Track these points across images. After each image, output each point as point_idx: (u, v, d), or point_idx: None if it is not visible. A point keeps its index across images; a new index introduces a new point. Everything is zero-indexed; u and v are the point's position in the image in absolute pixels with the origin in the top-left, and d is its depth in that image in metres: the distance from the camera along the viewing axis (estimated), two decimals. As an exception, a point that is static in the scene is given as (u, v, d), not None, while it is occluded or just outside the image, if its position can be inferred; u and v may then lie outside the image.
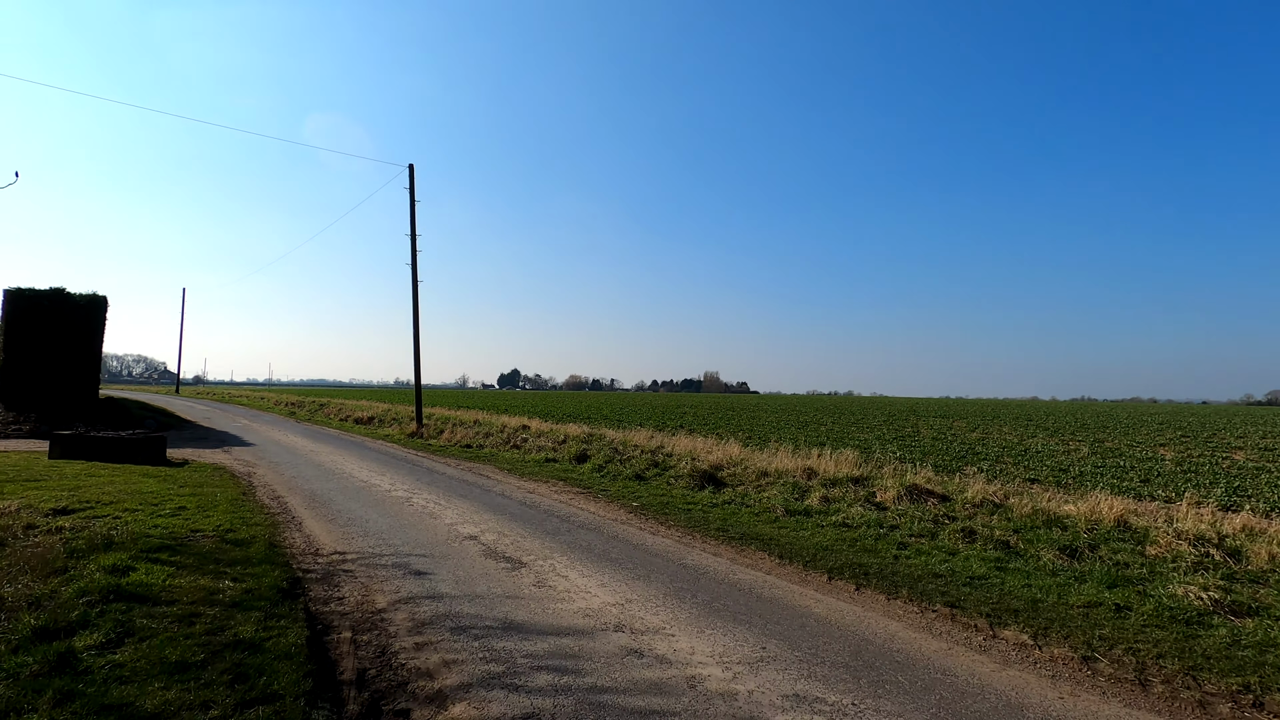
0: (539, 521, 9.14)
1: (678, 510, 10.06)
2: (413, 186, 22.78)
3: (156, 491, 10.42)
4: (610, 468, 14.39)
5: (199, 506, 9.47)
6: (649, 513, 9.89)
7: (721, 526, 8.87)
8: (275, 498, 10.69)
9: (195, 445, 18.71)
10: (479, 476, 13.56)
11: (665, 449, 16.45)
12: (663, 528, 8.93)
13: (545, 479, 13.26)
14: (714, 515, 9.69)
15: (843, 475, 11.74)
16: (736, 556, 7.50)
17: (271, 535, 7.93)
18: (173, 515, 8.78)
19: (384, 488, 11.80)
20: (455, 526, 8.69)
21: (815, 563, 7.13)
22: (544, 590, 6.06)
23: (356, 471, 13.90)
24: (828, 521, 9.15)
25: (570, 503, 10.74)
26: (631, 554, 7.48)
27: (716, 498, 11.17)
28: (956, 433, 28.82)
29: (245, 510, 9.36)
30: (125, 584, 5.48)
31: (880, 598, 6.06)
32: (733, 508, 10.33)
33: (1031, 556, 7.28)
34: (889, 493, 10.52)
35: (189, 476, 12.28)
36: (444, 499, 10.75)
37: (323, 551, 7.40)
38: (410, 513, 9.58)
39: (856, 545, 7.83)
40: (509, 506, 10.23)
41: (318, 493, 11.19)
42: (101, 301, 22.58)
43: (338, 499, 10.62)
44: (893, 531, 8.50)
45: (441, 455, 17.55)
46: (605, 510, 10.12)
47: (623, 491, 11.69)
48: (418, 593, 5.92)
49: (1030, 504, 9.00)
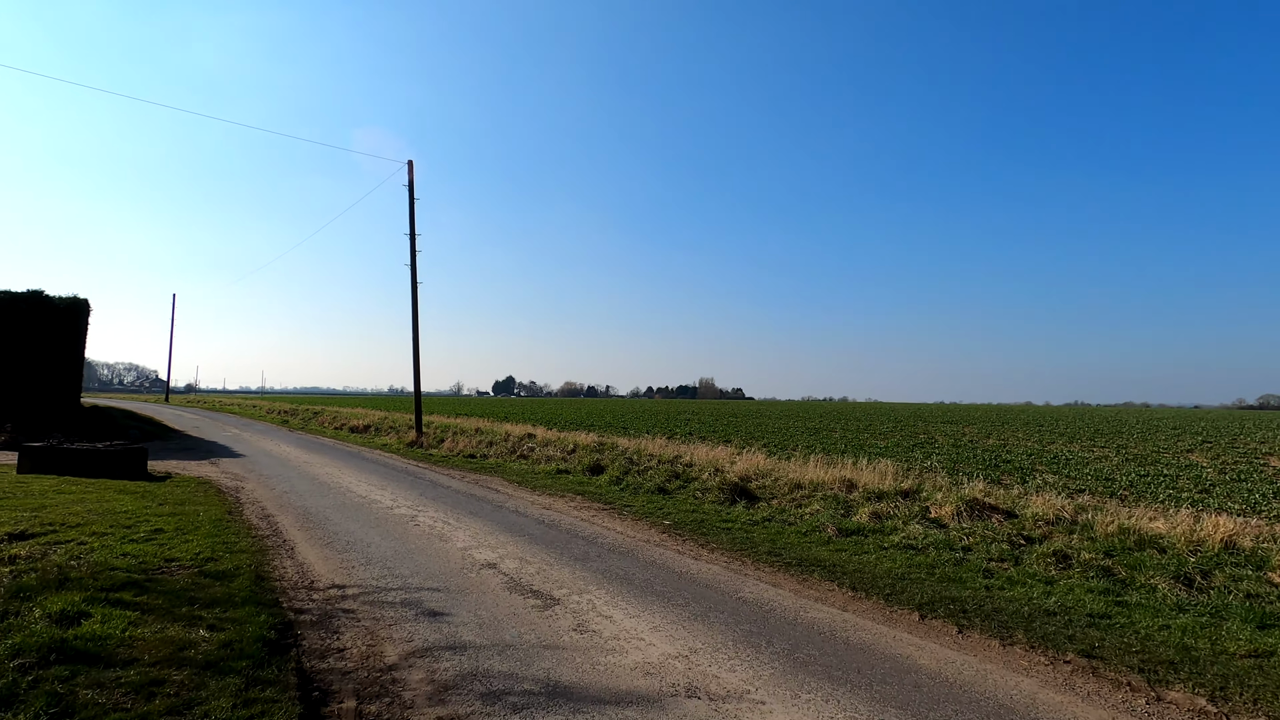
0: (563, 545, 8.10)
1: (715, 529, 9.03)
2: (412, 183, 21.77)
3: (132, 511, 9.33)
4: (629, 480, 13.35)
5: (178, 529, 8.39)
6: (684, 533, 8.86)
7: (772, 549, 7.84)
8: (265, 517, 9.61)
9: (180, 457, 17.57)
10: (487, 490, 12.49)
11: (683, 459, 15.44)
12: (704, 551, 7.90)
13: (560, 493, 12.20)
14: (758, 535, 8.67)
15: (887, 488, 10.74)
16: (800, 588, 6.48)
17: (259, 565, 6.87)
18: (146, 540, 7.71)
19: (385, 504, 10.73)
20: (469, 551, 7.64)
21: (897, 596, 6.11)
22: (587, 637, 5.02)
23: (354, 485, 12.81)
24: (888, 543, 8.14)
25: (593, 521, 9.70)
26: (678, 585, 6.45)
27: (753, 513, 10.15)
28: (972, 439, 27.89)
29: (230, 533, 8.28)
30: (74, 638, 4.42)
31: (993, 643, 5.04)
32: (775, 526, 9.31)
33: (1144, 587, 6.29)
34: (945, 508, 9.53)
35: (170, 493, 11.18)
36: (453, 517, 9.69)
37: (318, 584, 6.35)
38: (416, 534, 8.53)
39: (935, 573, 6.81)
40: (526, 526, 9.18)
41: (312, 511, 10.12)
42: (83, 305, 21.43)
43: (334, 518, 9.55)
44: (967, 555, 7.50)
45: (444, 466, 16.46)
46: (634, 530, 9.08)
47: (648, 507, 10.66)
48: (435, 641, 4.87)
49: (1115, 521, 8.01)
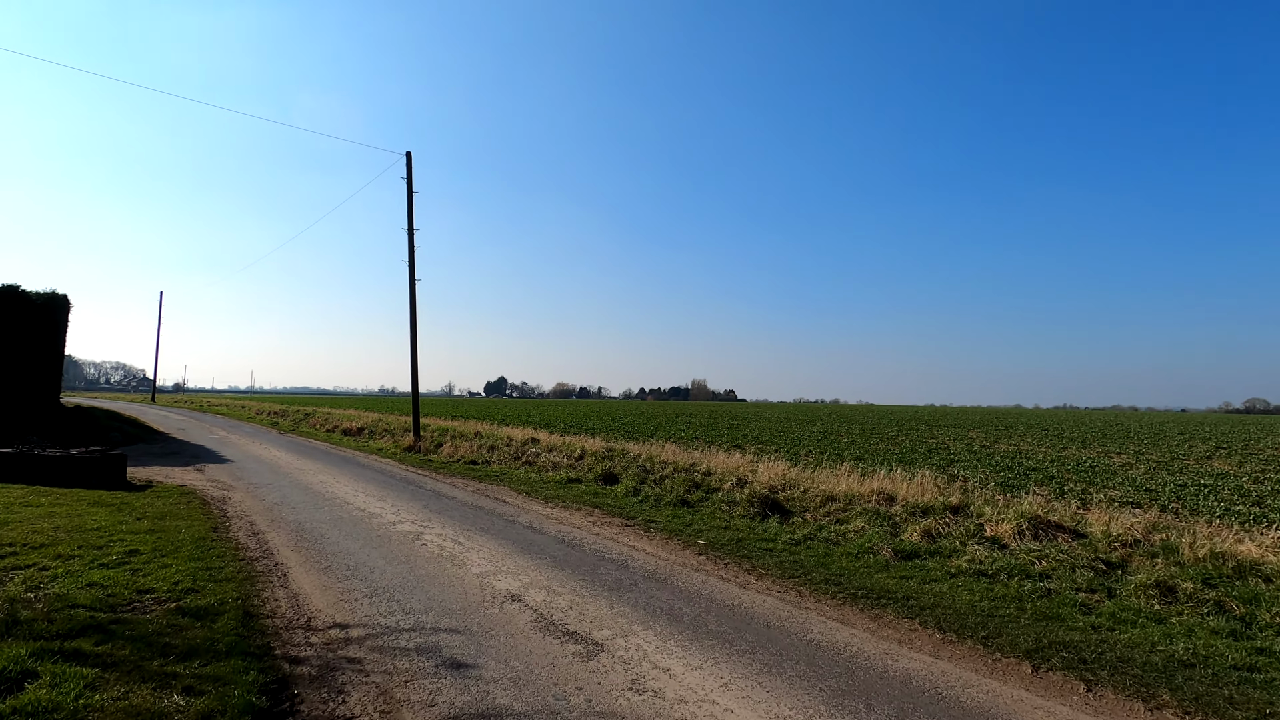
0: (590, 570, 7.21)
1: (756, 550, 8.17)
2: (410, 176, 20.81)
3: (105, 527, 8.38)
4: (647, 490, 12.47)
5: (156, 549, 7.45)
6: (722, 554, 8.00)
7: (828, 576, 6.98)
8: (254, 534, 8.68)
9: (164, 462, 16.54)
10: (496, 502, 11.58)
11: (700, 467, 14.58)
12: (751, 578, 7.04)
13: (575, 505, 11.31)
14: (806, 558, 7.81)
15: (933, 503, 9.91)
16: (875, 626, 5.63)
17: (247, 597, 5.95)
18: (118, 565, 6.77)
19: (386, 518, 9.81)
20: (488, 579, 6.74)
21: (994, 639, 5.26)
22: (647, 699, 4.14)
23: (351, 496, 11.87)
24: (954, 567, 7.31)
25: (618, 539, 8.82)
26: (735, 624, 5.59)
27: (792, 531, 9.30)
28: (983, 444, 27.18)
29: (214, 555, 7.35)
30: (11, 711, 3.51)
31: (1136, 706, 4.20)
32: (820, 546, 8.46)
33: (1271, 628, 5.47)
34: (1002, 526, 8.71)
35: (150, 504, 10.21)
36: (463, 535, 8.79)
37: (317, 623, 5.44)
38: (425, 556, 7.62)
39: (1026, 609, 5.97)
40: (545, 546, 8.29)
41: (306, 526, 9.18)
42: (61, 300, 20.34)
43: (331, 535, 8.63)
44: (1049, 584, 6.67)
45: (445, 474, 15.53)
46: (666, 551, 8.21)
47: (675, 523, 9.78)
48: (463, 706, 3.98)
49: (1207, 545, 7.21)
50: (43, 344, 20.27)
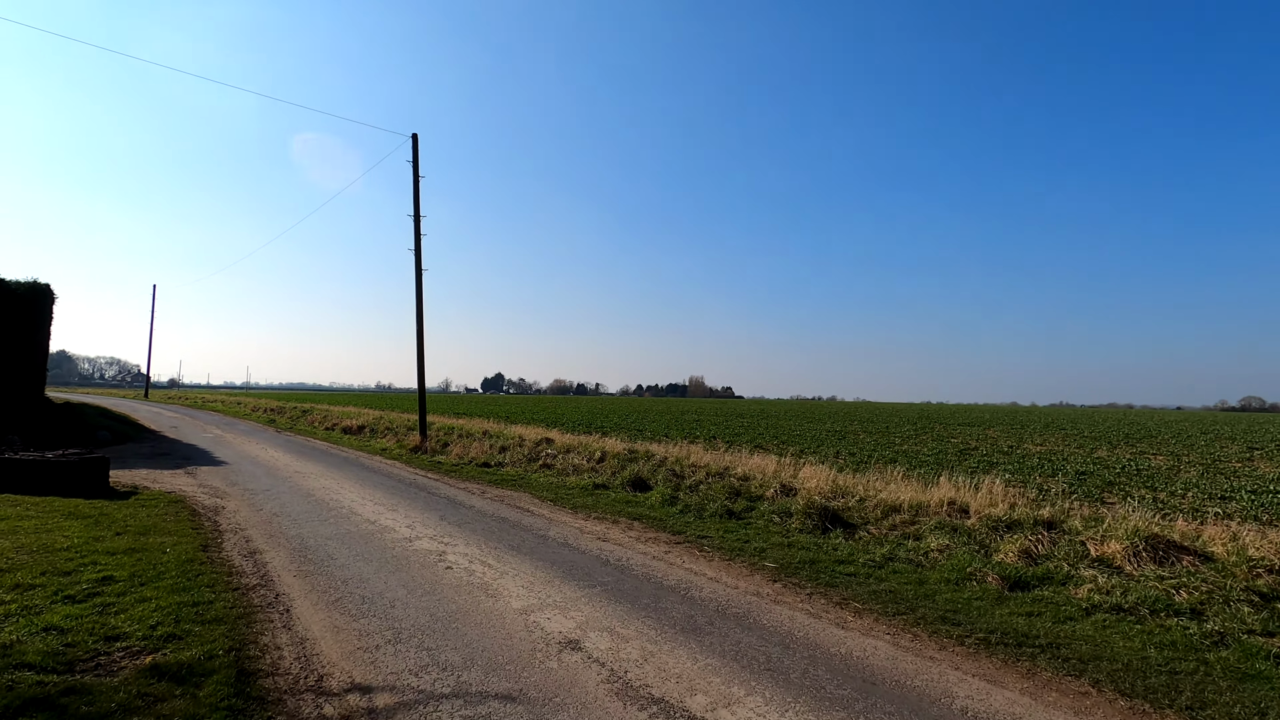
0: (651, 602, 6.07)
1: (835, 575, 7.03)
2: (416, 159, 19.57)
3: (77, 546, 7.21)
4: (684, 498, 11.33)
5: (134, 576, 6.28)
6: (800, 581, 6.85)
7: (939, 613, 5.83)
8: (250, 553, 7.51)
9: (152, 464, 15.33)
10: (520, 512, 10.42)
11: (736, 470, 13.46)
12: (847, 614, 5.89)
13: (608, 516, 10.16)
14: (899, 586, 6.67)
15: (1021, 516, 8.79)
16: (1034, 688, 4.47)
17: (242, 645, 4.79)
18: (86, 598, 5.61)
19: (401, 533, 8.65)
20: (533, 617, 5.59)
21: (1204, 714, 4.12)
22: (797, 818, 3.01)
23: (358, 504, 10.70)
24: (1082, 600, 6.18)
25: (670, 560, 7.67)
26: (855, 683, 4.44)
27: (864, 549, 8.17)
28: (1010, 445, 26.11)
29: (203, 583, 6.18)
30: None
31: None
32: (905, 568, 7.33)
33: None
34: (1110, 545, 7.60)
35: (132, 516, 9.03)
36: (491, 555, 7.63)
37: (331, 683, 4.28)
38: (452, 584, 6.46)
39: (1213, 665, 4.80)
40: (590, 569, 7.14)
41: (310, 543, 8.02)
42: (44, 290, 19.09)
43: (340, 555, 7.46)
44: (1208, 624, 5.54)
45: (458, 478, 14.36)
46: (732, 576, 7.06)
47: (728, 539, 8.65)
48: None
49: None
50: (24, 336, 19.02)
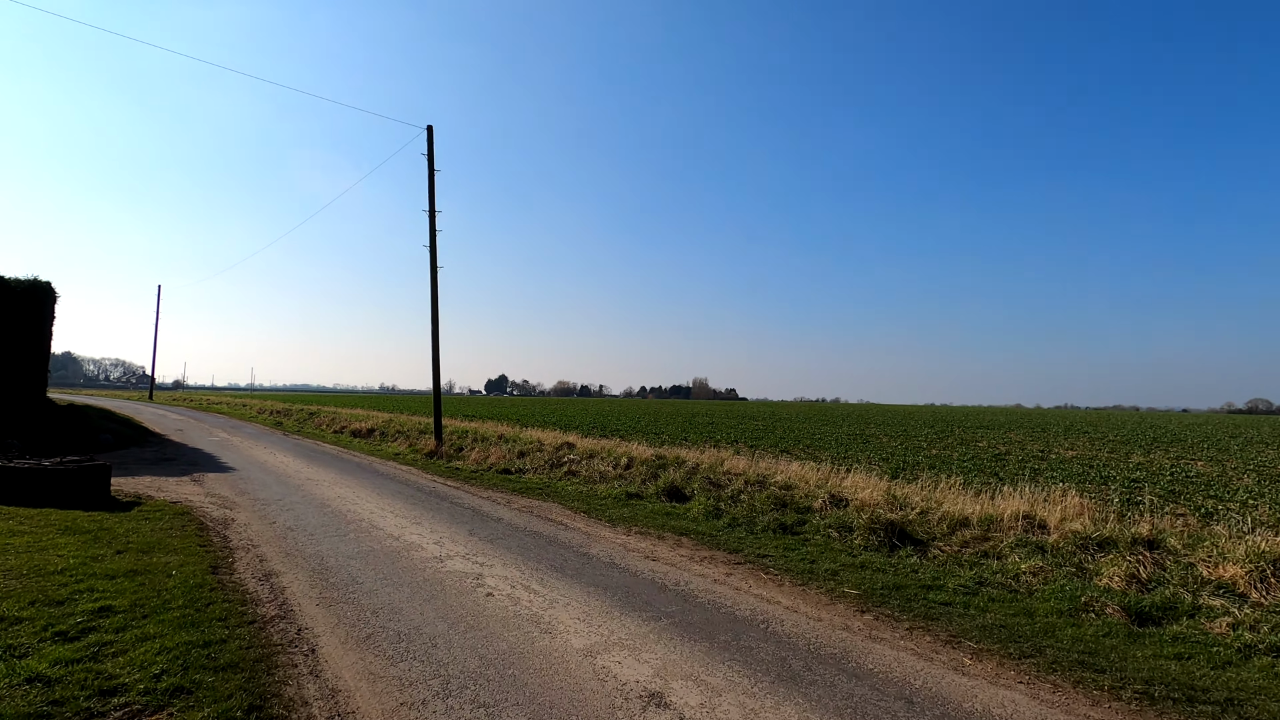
0: (732, 639, 5.25)
1: (930, 605, 6.20)
2: (431, 152, 18.82)
3: (73, 568, 6.44)
4: (727, 510, 10.52)
5: (135, 606, 5.50)
6: (892, 612, 6.02)
7: (1074, 655, 4.99)
8: (265, 576, 6.73)
9: (157, 470, 14.58)
10: (554, 525, 9.62)
11: (775, 479, 12.62)
12: (963, 656, 5.06)
13: (650, 530, 9.35)
14: (1008, 619, 5.83)
15: (1112, 533, 7.95)
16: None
17: (263, 699, 3.99)
18: (79, 636, 4.82)
19: (429, 551, 7.86)
20: (600, 660, 4.78)
21: None
22: None
23: (378, 516, 9.91)
24: (1233, 638, 5.34)
25: (733, 584, 6.85)
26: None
27: (952, 572, 7.33)
28: (1040, 450, 25.23)
29: (214, 615, 5.39)
30: None
31: None
32: (1000, 595, 6.50)
33: None
34: (1229, 569, 6.76)
35: (135, 531, 8.26)
36: (534, 578, 6.82)
37: (374, 755, 3.49)
38: (497, 615, 5.66)
39: None
40: (649, 597, 6.33)
41: (331, 564, 7.23)
42: (45, 288, 18.38)
43: (366, 579, 6.67)
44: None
45: (479, 485, 13.57)
46: (811, 605, 6.24)
47: (791, 559, 7.83)
48: None
49: None
50: (25, 336, 18.31)
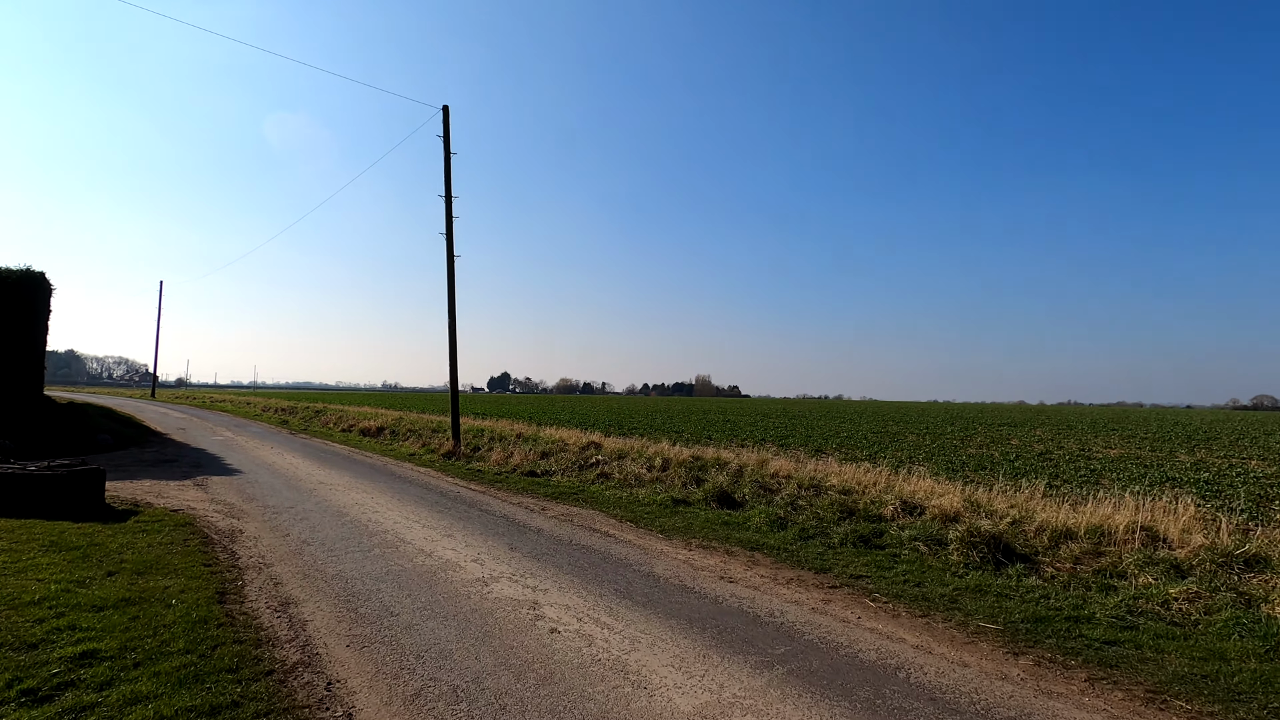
0: (875, 698, 4.16)
1: (1093, 646, 5.10)
2: (447, 134, 17.71)
3: (53, 597, 5.39)
4: (793, 518, 9.44)
5: (125, 650, 4.45)
6: (1052, 654, 4.92)
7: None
8: (282, 606, 5.67)
9: (157, 473, 13.54)
10: (602, 537, 8.55)
11: (830, 481, 11.53)
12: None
13: (714, 544, 8.28)
14: (1208, 668, 4.71)
15: (1259, 550, 6.87)
16: None
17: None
18: (49, 698, 3.79)
19: (469, 571, 6.79)
20: (720, 730, 3.71)
21: None
22: None
23: (403, 527, 8.85)
24: None
25: (838, 615, 5.76)
26: None
27: (1088, 597, 6.22)
28: (1082, 450, 24.10)
29: (223, 668, 4.32)
30: None
31: None
32: (1169, 630, 5.40)
33: None
34: None
35: (130, 546, 7.21)
36: (601, 607, 5.75)
37: None
38: (570, 662, 4.59)
39: None
40: (750, 635, 5.24)
41: (358, 589, 6.16)
42: (39, 279, 17.33)
43: (402, 610, 5.60)
44: None
45: (506, 489, 12.51)
46: (946, 645, 5.15)
47: (890, 580, 6.74)
48: None
49: None
50: (18, 329, 17.29)
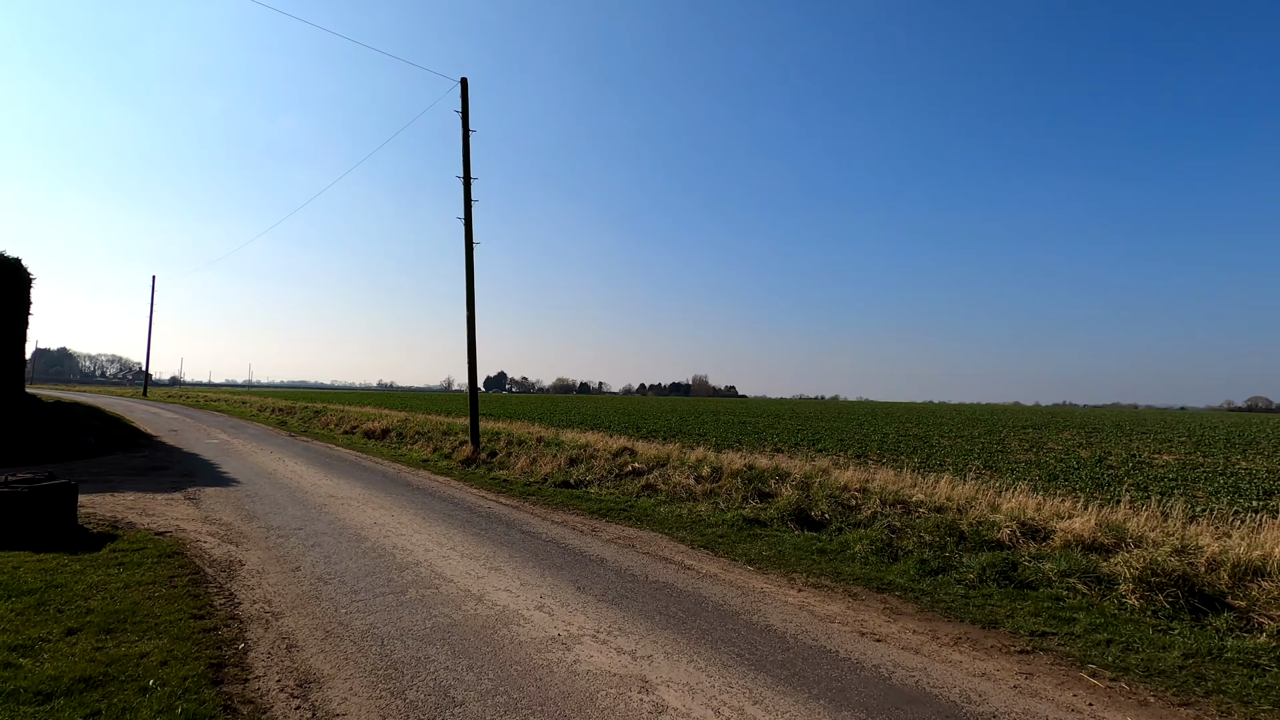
0: None
1: None
2: (466, 109, 16.15)
3: (-20, 678, 3.85)
4: (898, 545, 7.95)
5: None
6: None
7: None
8: (299, 686, 4.12)
9: (143, 483, 11.96)
10: (680, 571, 7.02)
11: (912, 497, 10.02)
12: None
13: (823, 580, 6.76)
14: None
15: None
16: None
17: None
18: None
19: (537, 624, 5.26)
20: None
21: None
22: None
23: (439, 557, 7.31)
24: None
25: (1053, 698, 4.21)
26: None
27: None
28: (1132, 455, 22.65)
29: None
30: None
31: None
32: None
33: None
34: None
35: (100, 589, 5.65)
36: (740, 691, 4.20)
37: None
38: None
39: None
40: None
41: (400, 654, 4.62)
42: (13, 265, 15.74)
43: (467, 696, 4.06)
44: None
45: (542, 504, 10.97)
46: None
47: (1086, 641, 5.22)
48: None
49: None
50: (-8, 323, 15.70)
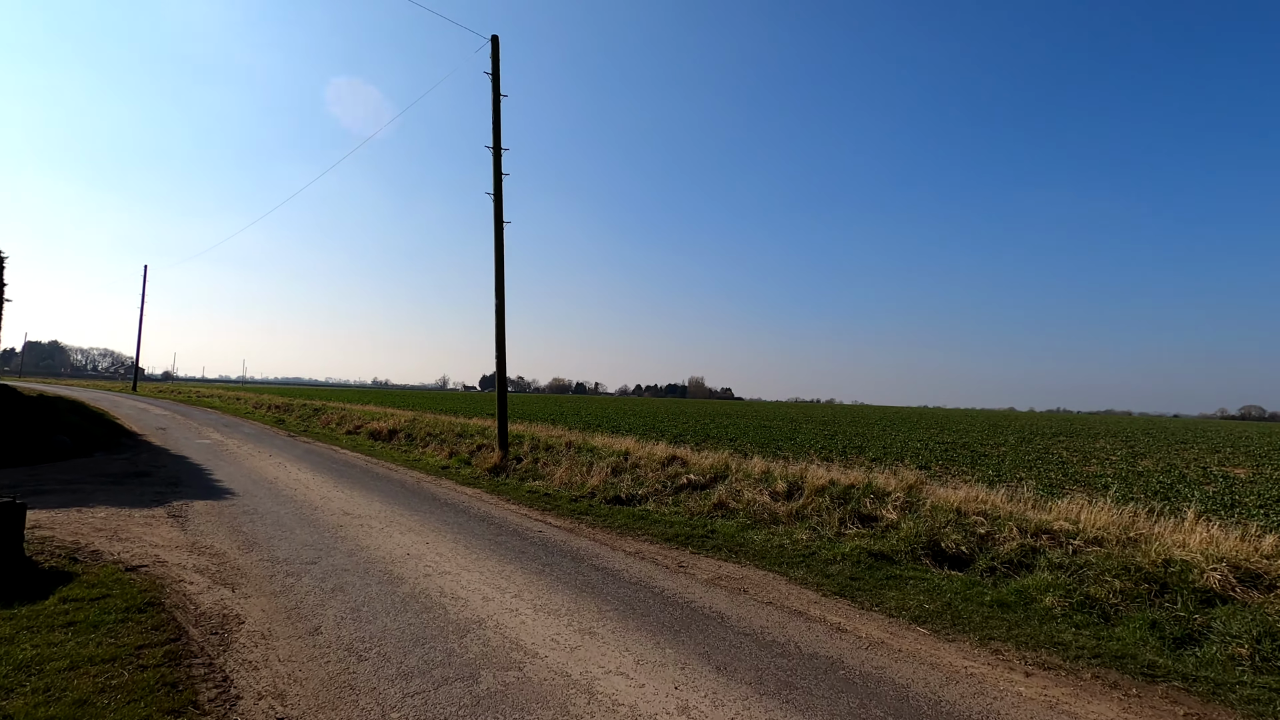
0: None
1: None
2: (496, 68, 14.28)
3: None
4: (1095, 597, 6.17)
5: None
6: None
7: None
8: None
9: (119, 495, 10.04)
10: (836, 634, 5.20)
11: (1055, 524, 8.25)
12: None
13: (1037, 652, 4.96)
14: None
15: None
16: None
17: None
18: None
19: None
20: None
21: None
22: None
23: (509, 615, 5.47)
24: None
25: None
26: None
27: None
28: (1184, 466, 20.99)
29: None
30: None
31: None
32: None
33: None
34: None
35: (36, 666, 3.77)
36: None
37: None
38: None
39: None
40: None
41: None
42: (-23, 241, 13.80)
43: None
44: None
45: (601, 526, 9.13)
46: None
47: None
48: None
49: None
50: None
